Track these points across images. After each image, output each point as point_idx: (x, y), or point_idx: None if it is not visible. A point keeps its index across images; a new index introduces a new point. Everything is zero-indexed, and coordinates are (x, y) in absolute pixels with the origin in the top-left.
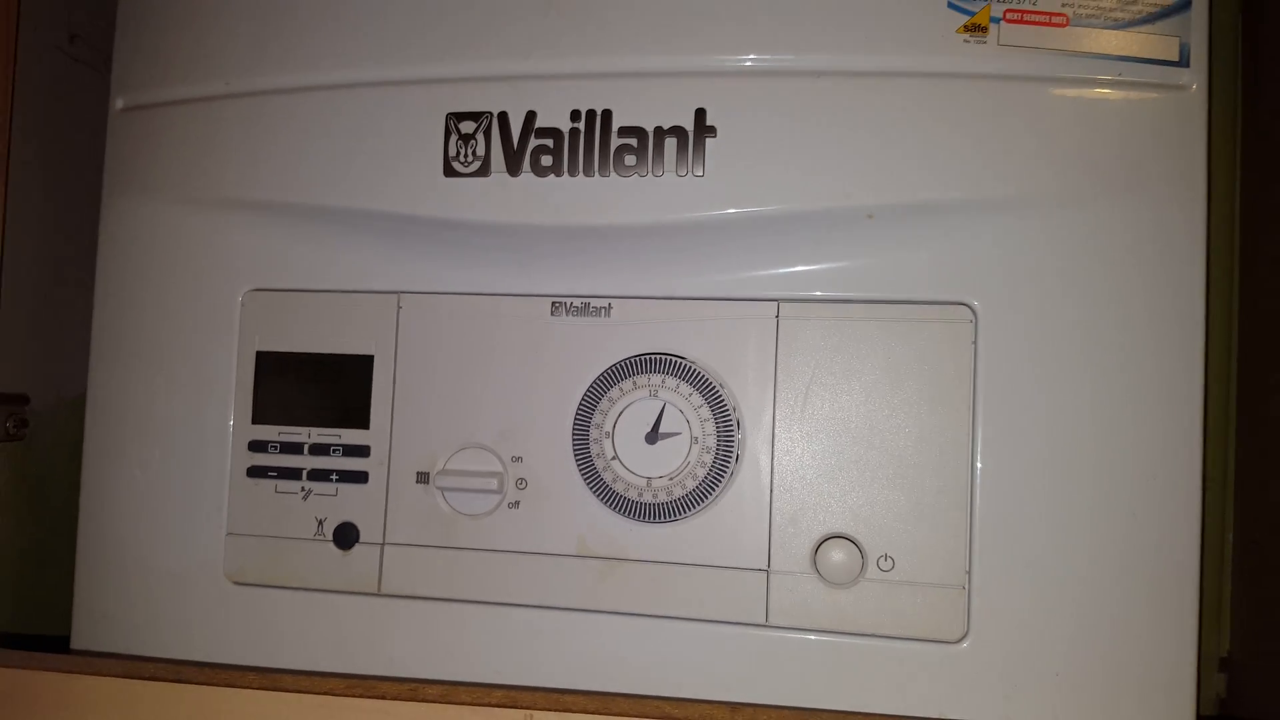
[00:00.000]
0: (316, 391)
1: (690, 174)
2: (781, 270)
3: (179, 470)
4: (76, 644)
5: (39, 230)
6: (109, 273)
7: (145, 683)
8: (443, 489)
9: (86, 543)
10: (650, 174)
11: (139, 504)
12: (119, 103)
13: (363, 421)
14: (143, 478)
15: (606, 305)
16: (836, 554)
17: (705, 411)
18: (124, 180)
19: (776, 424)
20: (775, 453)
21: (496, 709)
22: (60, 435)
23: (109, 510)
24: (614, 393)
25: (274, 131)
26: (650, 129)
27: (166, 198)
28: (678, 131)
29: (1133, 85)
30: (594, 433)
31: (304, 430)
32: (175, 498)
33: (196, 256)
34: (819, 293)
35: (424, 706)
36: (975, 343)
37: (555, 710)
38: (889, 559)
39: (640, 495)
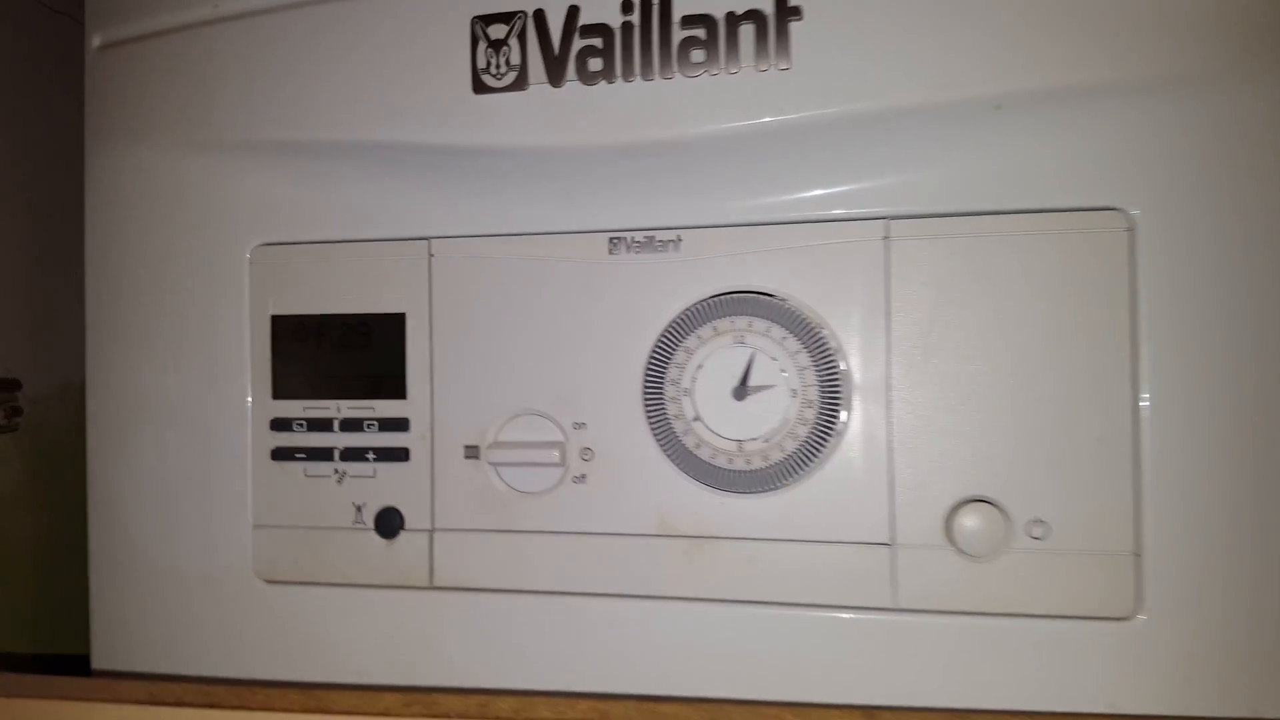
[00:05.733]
0: (344, 359)
1: (773, 68)
2: (889, 180)
3: (195, 457)
4: (98, 664)
5: (24, 205)
6: (99, 233)
7: (172, 709)
8: (496, 464)
9: (99, 546)
10: (723, 71)
11: (153, 498)
12: (95, 40)
13: (399, 391)
14: (156, 467)
15: (675, 238)
16: (975, 521)
17: (804, 358)
18: (108, 126)
19: (892, 368)
20: (892, 403)
21: None
22: (62, 424)
23: (121, 507)
24: (690, 341)
25: (272, 57)
26: (720, 15)
27: (156, 143)
28: (754, 15)
29: None
30: (669, 390)
31: (332, 404)
32: (193, 488)
33: (195, 208)
34: (936, 206)
35: None
36: (1133, 256)
37: None
38: (1041, 524)
39: (730, 462)
